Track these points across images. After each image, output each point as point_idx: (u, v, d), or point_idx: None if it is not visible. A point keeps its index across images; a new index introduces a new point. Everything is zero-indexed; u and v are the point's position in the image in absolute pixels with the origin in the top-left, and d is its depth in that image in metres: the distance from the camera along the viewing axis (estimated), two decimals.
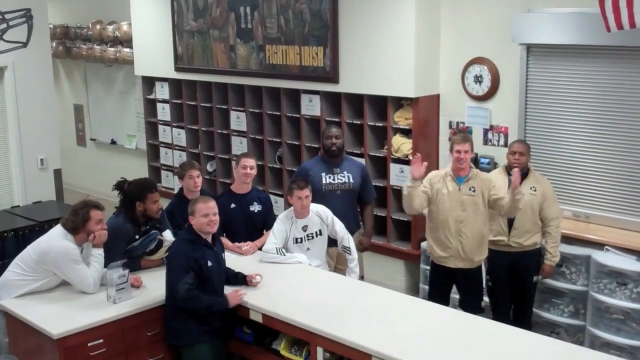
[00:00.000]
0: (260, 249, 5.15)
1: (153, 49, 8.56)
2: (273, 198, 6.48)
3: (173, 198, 5.64)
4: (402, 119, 6.39)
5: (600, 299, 5.17)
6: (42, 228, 6.00)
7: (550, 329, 5.49)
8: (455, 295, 5.42)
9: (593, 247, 5.36)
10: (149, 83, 8.92)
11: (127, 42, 9.18)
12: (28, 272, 4.45)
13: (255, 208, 5.36)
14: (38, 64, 7.22)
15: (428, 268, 5.77)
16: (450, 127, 6.35)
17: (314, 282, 4.73)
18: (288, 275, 4.78)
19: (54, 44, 9.85)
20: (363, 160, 6.49)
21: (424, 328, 4.06)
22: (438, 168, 6.27)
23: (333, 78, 6.68)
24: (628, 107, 5.32)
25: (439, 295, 5.21)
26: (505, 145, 5.79)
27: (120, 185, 4.88)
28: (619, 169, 5.43)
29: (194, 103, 8.29)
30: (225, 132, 7.98)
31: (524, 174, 5.23)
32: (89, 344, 4.14)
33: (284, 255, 4.96)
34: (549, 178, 5.60)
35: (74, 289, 4.49)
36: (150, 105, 8.98)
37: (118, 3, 9.22)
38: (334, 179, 5.50)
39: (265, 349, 4.46)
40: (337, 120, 6.75)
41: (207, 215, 4.33)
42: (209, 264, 4.32)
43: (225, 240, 5.14)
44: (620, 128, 5.38)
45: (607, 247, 5.30)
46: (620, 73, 5.32)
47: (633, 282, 5.03)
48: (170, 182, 8.72)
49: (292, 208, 5.02)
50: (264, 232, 5.35)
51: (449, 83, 6.30)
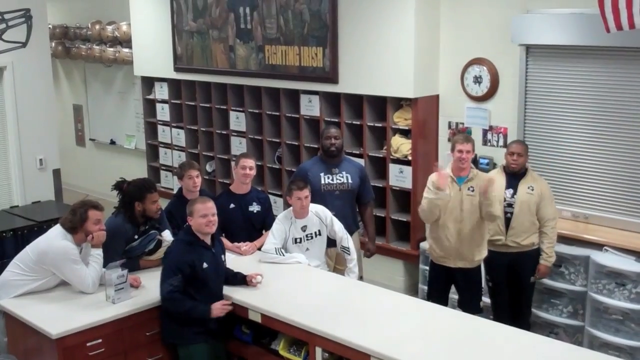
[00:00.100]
0: (260, 249, 5.15)
1: (152, 49, 8.56)
2: (272, 198, 6.47)
3: (172, 198, 5.64)
4: (401, 120, 6.39)
5: (599, 300, 5.17)
6: (41, 228, 6.01)
7: (549, 330, 5.50)
8: (454, 296, 5.42)
9: (592, 247, 5.36)
10: (148, 83, 8.92)
11: (126, 42, 9.18)
12: (27, 272, 4.45)
13: (255, 208, 5.35)
14: (37, 64, 7.21)
15: (427, 268, 5.78)
16: (450, 127, 6.35)
17: (313, 282, 4.74)
18: (287, 276, 4.78)
19: (53, 44, 9.84)
20: (362, 161, 6.49)
21: (423, 328, 4.07)
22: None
23: (332, 78, 6.68)
24: (627, 107, 5.33)
25: (438, 295, 5.22)
26: (505, 146, 5.79)
27: (120, 186, 4.87)
28: (618, 170, 5.44)
29: (193, 103, 8.29)
30: (225, 132, 7.98)
31: (522, 174, 5.24)
32: (88, 344, 4.14)
33: (283, 256, 4.96)
34: (548, 178, 5.60)
35: (73, 289, 4.49)
36: (150, 106, 8.98)
37: (117, 3, 9.22)
38: (333, 180, 5.49)
39: (264, 349, 4.46)
40: (336, 121, 6.75)
41: (205, 216, 4.32)
42: (204, 266, 4.30)
43: (225, 241, 5.13)
44: (620, 129, 5.38)
45: (606, 247, 5.30)
46: (620, 74, 5.33)
47: (632, 282, 5.04)
48: (170, 182, 8.72)
49: (291, 208, 5.02)
50: (263, 232, 5.35)
51: (449, 83, 6.30)
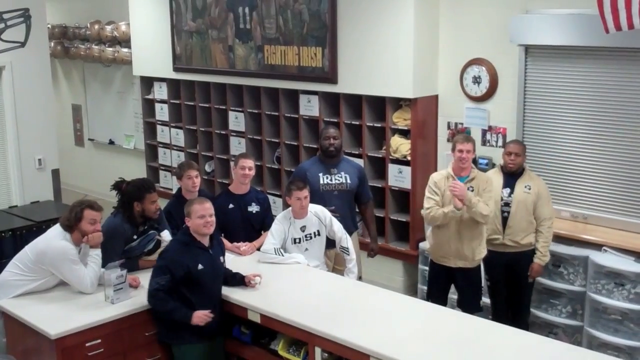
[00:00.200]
0: (259, 250, 5.15)
1: (151, 49, 8.55)
2: (271, 198, 6.47)
3: (171, 198, 5.64)
4: (400, 120, 6.39)
5: (598, 300, 5.17)
6: (39, 228, 6.01)
7: (548, 330, 5.50)
8: (453, 296, 5.42)
9: (591, 247, 5.37)
10: (147, 83, 8.91)
11: (125, 42, 9.17)
12: (26, 272, 4.45)
13: (254, 209, 5.35)
14: (36, 64, 7.21)
15: (426, 268, 5.78)
16: (449, 127, 6.35)
17: (312, 282, 4.73)
18: (286, 276, 4.78)
19: (52, 44, 9.83)
20: (361, 161, 6.49)
21: (423, 328, 4.06)
22: (437, 169, 6.28)
23: (332, 78, 6.67)
24: (626, 108, 5.33)
25: (438, 295, 5.22)
26: (504, 146, 5.79)
27: (119, 185, 4.87)
28: (617, 170, 5.44)
29: (193, 103, 8.28)
30: (224, 132, 7.97)
31: (519, 174, 5.25)
32: (87, 344, 4.14)
33: (282, 256, 4.95)
34: (548, 178, 5.61)
35: (72, 289, 4.49)
36: (149, 106, 8.98)
37: (116, 3, 9.21)
38: (332, 180, 5.49)
39: (263, 349, 4.46)
40: (335, 121, 6.75)
41: (203, 217, 4.31)
42: (199, 267, 4.29)
43: (224, 241, 5.12)
44: (619, 129, 5.38)
45: (605, 247, 5.31)
46: (619, 74, 5.33)
47: (631, 282, 5.04)
48: (169, 182, 8.71)
49: (290, 208, 5.02)
50: (262, 232, 5.35)
51: (448, 84, 6.30)
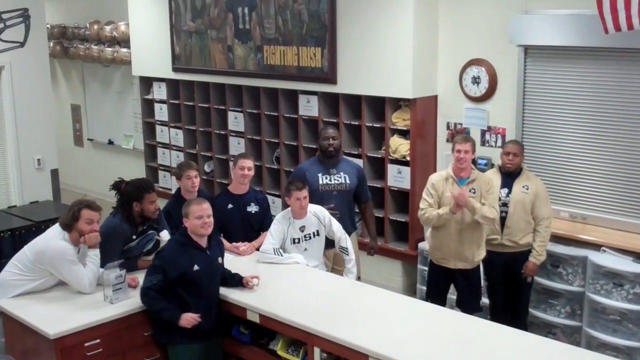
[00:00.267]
0: (258, 250, 5.15)
1: (151, 49, 8.55)
2: (270, 199, 6.48)
3: (171, 198, 5.64)
4: (399, 120, 6.39)
5: (597, 300, 5.18)
6: (38, 228, 6.01)
7: (547, 330, 5.50)
8: (453, 296, 5.43)
9: (589, 248, 5.37)
10: (147, 83, 8.91)
11: (124, 42, 9.17)
12: (25, 272, 4.45)
13: (253, 209, 5.35)
14: (35, 64, 7.20)
15: (425, 269, 5.78)
16: (448, 128, 6.35)
17: (312, 282, 4.73)
18: (285, 276, 4.78)
19: (52, 44, 9.82)
20: (361, 161, 6.49)
21: (421, 328, 4.06)
22: (436, 169, 6.28)
23: (331, 79, 6.67)
24: (625, 108, 5.33)
25: (437, 296, 5.22)
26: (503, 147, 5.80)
27: (118, 186, 4.87)
28: (616, 170, 5.44)
29: (192, 103, 8.28)
30: (223, 132, 7.97)
31: (517, 174, 5.25)
32: (86, 344, 4.14)
33: (282, 256, 4.95)
34: (546, 179, 5.61)
35: (71, 289, 4.49)
36: (148, 106, 8.98)
37: (116, 3, 9.21)
38: (331, 180, 5.49)
39: (262, 349, 4.46)
40: (334, 121, 6.75)
41: (200, 217, 4.30)
42: (195, 268, 4.28)
43: (223, 241, 5.12)
44: (618, 129, 5.38)
45: (603, 248, 5.31)
46: (618, 75, 5.33)
47: (629, 283, 5.04)
48: (168, 182, 8.71)
49: (289, 209, 5.02)
50: (261, 232, 5.35)
51: (447, 84, 6.31)
